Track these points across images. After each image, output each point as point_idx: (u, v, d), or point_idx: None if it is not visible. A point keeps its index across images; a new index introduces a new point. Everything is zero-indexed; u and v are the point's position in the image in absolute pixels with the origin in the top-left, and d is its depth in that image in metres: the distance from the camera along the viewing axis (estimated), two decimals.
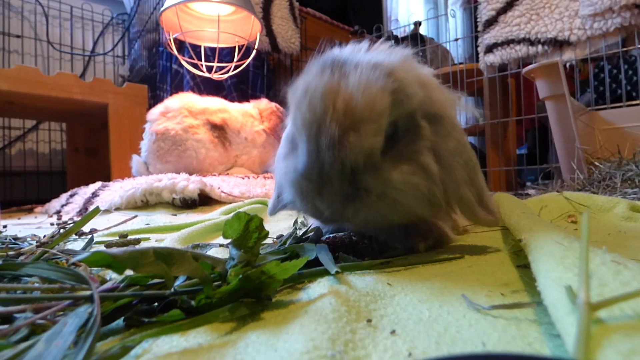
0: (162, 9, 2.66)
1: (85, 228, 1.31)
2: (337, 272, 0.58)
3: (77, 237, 1.15)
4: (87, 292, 0.43)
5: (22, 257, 0.71)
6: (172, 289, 0.45)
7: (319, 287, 0.55)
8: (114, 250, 0.40)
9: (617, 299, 0.31)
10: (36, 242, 0.89)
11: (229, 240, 0.54)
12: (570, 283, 0.36)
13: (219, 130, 2.73)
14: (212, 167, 2.68)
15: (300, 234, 0.91)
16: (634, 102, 2.44)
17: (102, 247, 0.96)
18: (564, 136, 2.09)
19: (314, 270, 0.60)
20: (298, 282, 0.59)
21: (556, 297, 0.35)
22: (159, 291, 0.45)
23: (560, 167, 2.22)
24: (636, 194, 1.36)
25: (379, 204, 0.63)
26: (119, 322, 0.46)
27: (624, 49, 2.53)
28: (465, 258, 0.71)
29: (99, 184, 2.42)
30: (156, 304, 0.48)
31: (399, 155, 0.65)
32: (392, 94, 0.63)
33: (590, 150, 2.07)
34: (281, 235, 0.99)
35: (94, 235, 1.21)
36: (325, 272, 0.60)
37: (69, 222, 1.60)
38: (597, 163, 1.88)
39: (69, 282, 0.45)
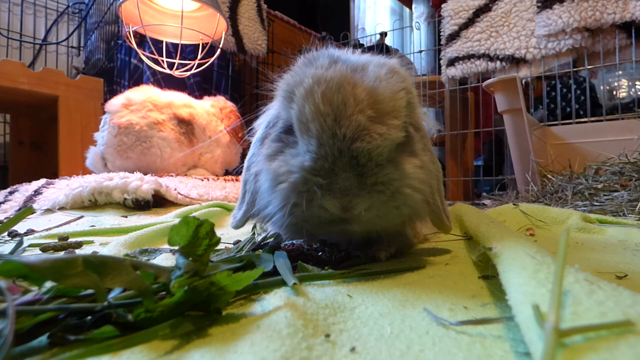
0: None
1: (22, 229, 1.20)
2: (294, 284, 0.55)
3: (10, 238, 1.04)
4: (2, 305, 0.37)
5: None
6: (106, 302, 0.39)
7: (274, 299, 0.51)
8: (32, 258, 0.35)
9: (587, 329, 0.30)
10: None
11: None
12: (543, 300, 0.35)
13: (187, 125, 2.61)
14: (175, 168, 2.57)
15: (259, 239, 0.86)
16: (582, 120, 2.58)
17: (36, 251, 0.87)
18: (519, 149, 2.17)
19: (270, 280, 0.56)
20: (253, 293, 0.55)
21: (529, 316, 0.34)
22: (89, 304, 0.39)
23: (516, 178, 2.30)
24: (586, 206, 1.42)
25: (391, 201, 0.61)
26: (43, 339, 0.40)
27: (575, 69, 2.68)
28: (427, 268, 0.69)
29: (43, 180, 2.25)
30: (89, 317, 0.42)
31: (403, 152, 0.64)
32: (404, 92, 0.63)
33: (543, 163, 2.16)
34: (238, 241, 0.94)
35: (32, 236, 1.11)
36: (283, 282, 0.56)
37: (5, 221, 1.46)
38: (549, 176, 1.95)
39: None
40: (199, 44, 3.00)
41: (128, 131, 2.39)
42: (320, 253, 0.76)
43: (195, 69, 2.97)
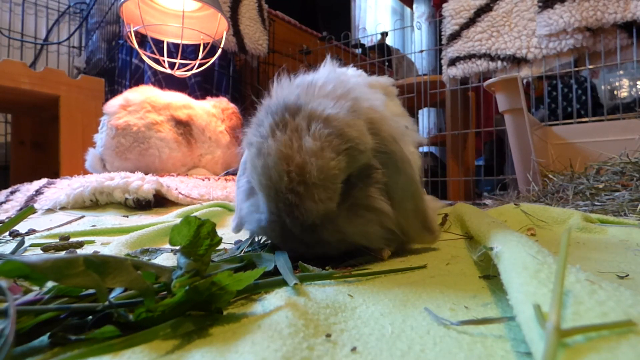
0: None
1: (23, 229, 1.20)
2: (295, 284, 0.55)
3: (11, 238, 1.04)
4: (3, 305, 0.37)
5: None
6: (107, 302, 0.39)
7: (275, 299, 0.51)
8: (33, 258, 0.35)
9: (588, 328, 0.30)
10: None
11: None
12: (544, 300, 0.35)
13: (185, 126, 2.61)
14: (174, 168, 2.57)
15: (259, 240, 0.87)
16: (584, 120, 2.58)
17: (38, 250, 0.87)
18: (520, 149, 2.17)
19: (271, 280, 0.56)
20: (254, 293, 0.55)
21: (530, 316, 0.34)
22: (91, 304, 0.39)
23: (517, 178, 2.29)
24: (588, 206, 1.42)
25: (339, 247, 0.69)
26: (44, 338, 0.40)
27: (576, 69, 2.68)
28: (428, 268, 0.69)
29: (44, 180, 2.25)
30: (90, 317, 0.42)
31: (354, 204, 0.69)
32: (345, 154, 0.65)
33: (545, 163, 2.16)
34: (240, 241, 0.94)
35: (33, 236, 1.11)
36: (284, 282, 0.56)
37: (6, 220, 1.47)
38: (551, 176, 1.95)
39: None
40: (200, 44, 3.00)
41: (126, 132, 2.38)
42: None
43: (196, 69, 2.97)
